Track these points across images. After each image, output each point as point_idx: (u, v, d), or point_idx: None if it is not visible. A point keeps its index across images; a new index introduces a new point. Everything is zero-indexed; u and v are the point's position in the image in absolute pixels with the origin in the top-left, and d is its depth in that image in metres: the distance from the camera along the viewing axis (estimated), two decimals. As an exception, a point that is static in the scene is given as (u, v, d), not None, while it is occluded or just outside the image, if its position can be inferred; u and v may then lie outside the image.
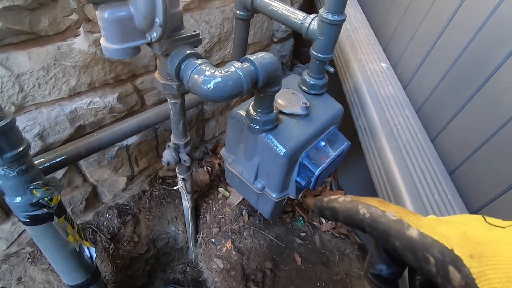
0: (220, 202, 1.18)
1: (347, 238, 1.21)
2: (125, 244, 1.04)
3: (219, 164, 1.30)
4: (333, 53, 0.75)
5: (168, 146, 0.77)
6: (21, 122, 0.70)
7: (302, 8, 1.34)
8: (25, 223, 0.60)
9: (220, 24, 1.00)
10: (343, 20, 0.67)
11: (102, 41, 0.49)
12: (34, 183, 0.57)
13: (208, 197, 1.19)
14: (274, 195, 0.79)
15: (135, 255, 1.08)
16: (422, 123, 0.80)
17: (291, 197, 0.82)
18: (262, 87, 0.57)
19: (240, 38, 0.94)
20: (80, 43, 0.69)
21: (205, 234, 1.13)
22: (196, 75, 0.51)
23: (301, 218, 1.25)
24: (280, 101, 0.76)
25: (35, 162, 0.60)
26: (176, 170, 0.87)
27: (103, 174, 0.94)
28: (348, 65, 0.96)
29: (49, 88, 0.70)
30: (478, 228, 0.19)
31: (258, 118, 0.67)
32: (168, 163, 0.78)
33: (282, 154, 0.69)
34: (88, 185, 0.93)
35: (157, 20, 0.45)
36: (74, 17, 0.66)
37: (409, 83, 0.89)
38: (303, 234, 1.19)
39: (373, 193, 1.18)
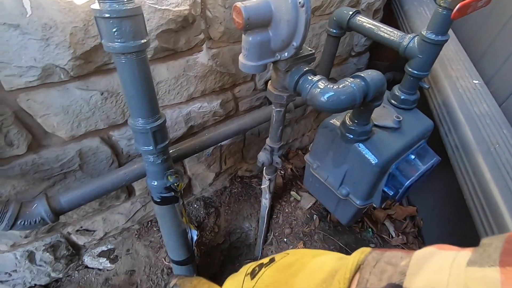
0: (292, 205, 1.26)
1: (419, 255, 1.19)
2: (207, 233, 1.17)
3: (291, 169, 1.38)
4: (430, 71, 0.78)
5: (265, 148, 0.87)
6: (151, 120, 0.85)
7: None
8: (156, 203, 0.74)
9: (309, 40, 1.08)
10: (446, 41, 0.70)
11: (241, 58, 0.60)
12: (169, 171, 0.70)
13: (281, 199, 1.27)
14: (358, 202, 0.83)
15: (214, 244, 1.20)
16: (524, 143, 0.77)
17: (375, 205, 0.86)
18: (367, 101, 0.63)
19: (329, 53, 1.01)
20: (202, 57, 0.83)
21: (277, 233, 1.21)
22: (314, 89, 0.59)
23: (370, 229, 1.25)
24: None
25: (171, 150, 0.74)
26: (264, 171, 0.97)
27: (199, 169, 1.08)
28: (437, 81, 0.96)
29: (175, 94, 0.84)
30: None
31: (354, 128, 0.73)
32: (263, 164, 0.88)
33: (374, 164, 0.74)
34: (186, 177, 1.08)
35: (294, 43, 0.54)
36: (201, 36, 0.80)
37: (505, 101, 0.87)
38: (372, 245, 1.20)
39: (450, 211, 1.14)
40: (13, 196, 0.70)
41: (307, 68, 0.62)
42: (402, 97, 0.84)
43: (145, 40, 0.52)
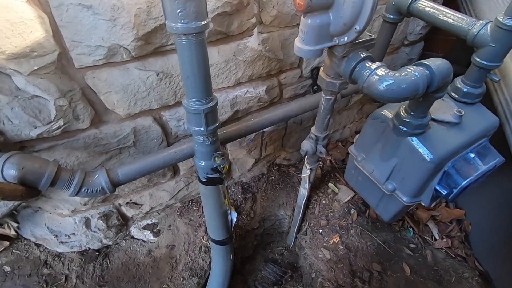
0: (329, 197, 1.24)
1: (464, 261, 1.11)
2: (244, 217, 1.19)
3: (330, 161, 1.35)
4: (503, 61, 0.70)
5: (310, 137, 0.85)
6: (199, 103, 0.88)
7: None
8: (202, 183, 0.77)
9: (362, 27, 1.03)
10: (528, 27, 0.63)
11: (297, 42, 0.59)
12: (216, 152, 0.72)
13: (319, 190, 1.26)
14: (405, 199, 0.80)
15: (249, 228, 1.22)
16: None
17: (423, 204, 0.81)
18: (430, 92, 0.59)
19: (384, 41, 0.95)
20: (252, 41, 0.83)
21: (312, 224, 1.20)
22: (372, 77, 0.56)
23: (411, 229, 1.20)
24: (431, 106, 0.76)
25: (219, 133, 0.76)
26: (305, 160, 0.96)
27: (240, 154, 1.10)
28: (506, 73, 0.87)
29: (223, 78, 0.85)
30: None
31: (409, 121, 0.69)
32: (306, 153, 0.87)
33: (428, 160, 0.70)
34: (227, 161, 1.10)
35: (356, 26, 0.52)
36: (253, 20, 0.79)
37: None
38: (412, 246, 1.15)
39: (505, 219, 1.05)
40: (76, 167, 0.77)
41: (366, 54, 0.60)
42: (465, 90, 0.77)
43: (205, 22, 0.53)
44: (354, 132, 1.46)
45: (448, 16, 0.75)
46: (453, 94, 0.80)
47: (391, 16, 0.88)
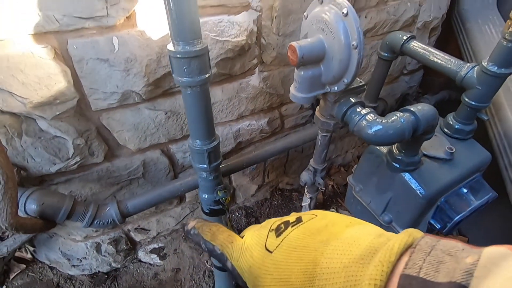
0: (331, 222, 1.26)
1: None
2: (247, 241, 1.23)
3: (332, 186, 1.38)
4: (491, 102, 0.74)
5: (308, 169, 0.89)
6: (204, 136, 0.94)
7: (437, 40, 1.30)
8: (206, 213, 0.81)
9: (359, 61, 1.08)
10: (510, 73, 0.67)
11: (292, 90, 0.64)
12: (219, 186, 0.77)
13: (320, 215, 1.28)
14: (401, 231, 0.82)
15: (252, 252, 1.25)
16: None
17: (419, 236, 0.83)
18: (417, 135, 0.63)
19: (379, 76, 1.00)
20: (254, 80, 0.89)
21: (314, 249, 1.22)
22: (362, 122, 0.61)
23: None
24: (423, 143, 0.79)
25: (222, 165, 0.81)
26: (306, 189, 0.99)
27: (243, 181, 1.14)
28: (499, 109, 0.90)
29: (227, 113, 0.91)
30: (258, 257, 0.23)
31: (401, 158, 0.73)
32: (305, 184, 0.91)
33: (421, 195, 0.73)
34: (231, 187, 1.15)
35: (344, 80, 0.57)
36: (255, 61, 0.86)
37: None
38: (415, 274, 1.15)
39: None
40: (90, 197, 0.83)
41: (356, 100, 0.64)
42: (457, 126, 0.80)
43: (208, 75, 0.59)
44: (356, 157, 1.49)
45: (438, 57, 0.80)
46: (445, 130, 0.83)
47: (385, 54, 0.93)
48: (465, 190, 0.77)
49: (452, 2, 1.18)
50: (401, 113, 0.60)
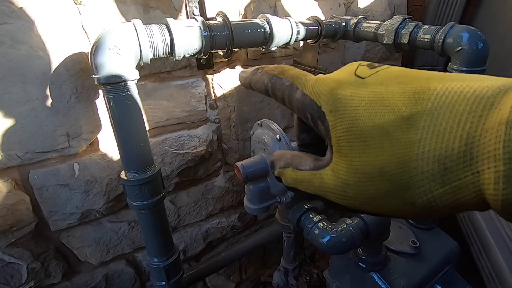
0: (319, 320, 1.15)
1: None
2: None
3: (317, 274, 1.30)
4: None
5: (279, 269, 0.86)
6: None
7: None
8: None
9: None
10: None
11: (245, 201, 0.66)
12: (181, 302, 0.73)
13: (307, 311, 1.18)
14: (384, 337, 0.75)
15: None
16: None
17: None
18: (372, 239, 0.63)
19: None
20: (219, 180, 0.92)
21: None
22: (315, 231, 0.61)
23: None
24: (386, 238, 0.79)
25: (185, 275, 0.77)
26: (282, 288, 0.94)
27: (218, 281, 1.08)
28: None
29: (194, 214, 0.92)
30: (344, 82, 0.19)
31: (366, 258, 0.71)
32: (278, 285, 0.86)
33: (392, 297, 0.69)
34: (206, 288, 1.08)
35: (289, 193, 0.60)
36: (218, 164, 0.90)
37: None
38: None
39: None
40: (44, 323, 0.77)
41: (309, 206, 0.66)
42: (418, 216, 0.81)
43: (161, 195, 0.62)
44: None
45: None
46: (409, 220, 0.84)
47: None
48: (439, 287, 0.74)
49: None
50: (350, 220, 0.62)
